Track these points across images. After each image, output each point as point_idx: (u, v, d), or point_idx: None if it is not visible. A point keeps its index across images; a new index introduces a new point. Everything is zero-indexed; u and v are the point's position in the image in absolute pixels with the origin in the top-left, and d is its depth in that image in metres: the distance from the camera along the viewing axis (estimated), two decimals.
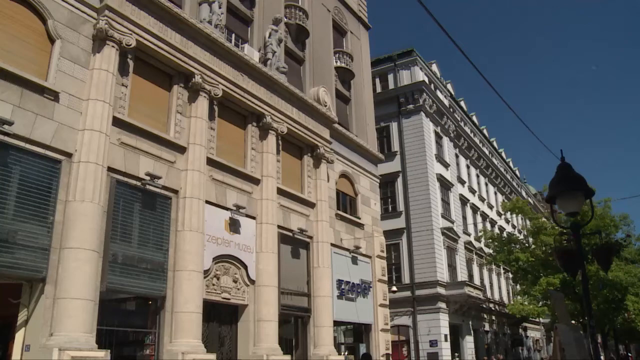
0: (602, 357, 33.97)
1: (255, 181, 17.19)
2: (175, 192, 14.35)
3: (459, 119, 43.25)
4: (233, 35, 18.38)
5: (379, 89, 36.86)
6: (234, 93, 16.66)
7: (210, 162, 15.56)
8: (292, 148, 19.68)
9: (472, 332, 36.69)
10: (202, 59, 15.58)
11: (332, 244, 20.18)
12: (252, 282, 16.26)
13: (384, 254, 24.44)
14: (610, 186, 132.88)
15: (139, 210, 13.32)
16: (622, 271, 29.24)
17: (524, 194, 59.19)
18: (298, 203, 19.04)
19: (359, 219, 22.89)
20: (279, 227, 17.66)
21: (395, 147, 35.80)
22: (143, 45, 13.99)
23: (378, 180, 25.64)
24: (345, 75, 24.63)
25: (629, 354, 50.16)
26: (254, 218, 16.83)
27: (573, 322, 26.14)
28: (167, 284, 13.56)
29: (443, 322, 32.47)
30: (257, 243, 16.69)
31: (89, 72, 12.76)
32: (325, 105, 20.98)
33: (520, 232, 45.08)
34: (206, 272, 14.69)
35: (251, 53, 17.93)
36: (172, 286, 13.58)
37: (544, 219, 33.14)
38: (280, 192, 18.06)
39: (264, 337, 15.77)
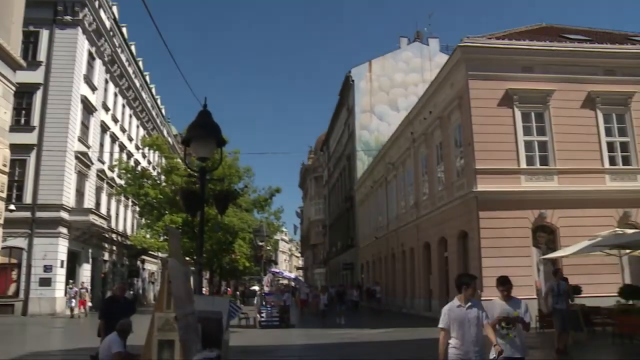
0: (206, 290, 37.49)
1: None
2: None
3: (117, 44, 41.82)
4: None
5: None
6: None
7: None
8: None
9: (90, 260, 36.47)
10: None
11: None
12: None
13: (7, 169, 22.43)
14: (242, 140, 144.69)
15: None
16: (237, 217, 32.45)
17: (165, 132, 60.46)
18: None
19: None
20: None
21: (42, 57, 32.85)
22: None
23: (14, 88, 23.24)
24: None
25: (228, 288, 56.12)
26: None
27: (187, 258, 28.16)
28: None
29: (62, 247, 31.59)
30: None
31: None
32: None
33: (154, 169, 46.16)
34: None
35: None
36: None
37: (178, 160, 34.52)
38: None
39: None
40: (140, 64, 52.53)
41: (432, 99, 27.87)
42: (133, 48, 49.32)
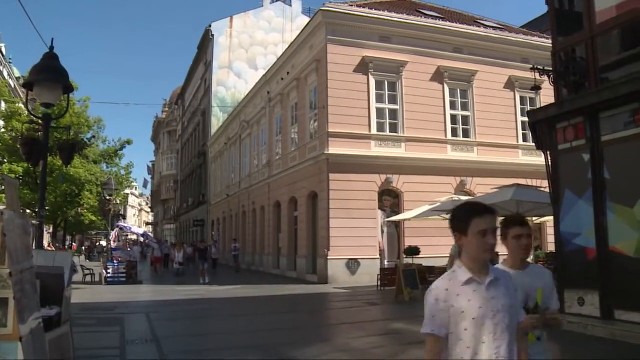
0: (49, 245, 35.42)
1: None
2: None
3: None
4: None
5: None
6: None
7: None
8: None
9: None
10: None
11: None
12: None
13: None
14: (93, 89, 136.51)
15: None
16: (84, 169, 30.87)
17: (6, 74, 55.36)
18: None
19: None
20: None
21: None
22: None
23: None
24: None
25: (73, 243, 53.50)
26: None
27: (29, 211, 26.40)
28: None
29: None
30: None
31: None
32: None
33: None
34: None
35: None
36: None
37: (20, 105, 31.98)
38: None
39: None
40: None
41: (290, 60, 28.02)
42: None
